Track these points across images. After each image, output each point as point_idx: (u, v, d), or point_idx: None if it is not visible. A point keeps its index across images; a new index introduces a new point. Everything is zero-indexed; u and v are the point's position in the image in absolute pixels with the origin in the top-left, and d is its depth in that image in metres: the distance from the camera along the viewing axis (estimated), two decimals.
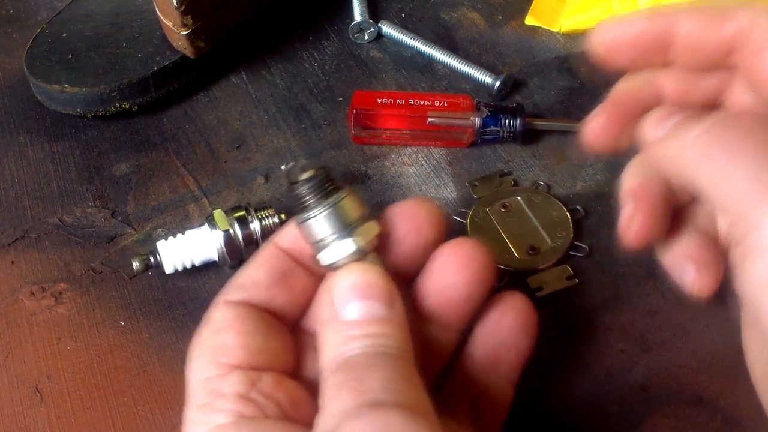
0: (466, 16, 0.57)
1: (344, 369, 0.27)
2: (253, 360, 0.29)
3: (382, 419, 0.24)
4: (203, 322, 0.31)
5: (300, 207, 0.30)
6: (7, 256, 0.44)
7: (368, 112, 0.48)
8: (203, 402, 0.28)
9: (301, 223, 0.30)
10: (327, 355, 0.28)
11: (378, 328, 0.28)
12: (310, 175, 0.30)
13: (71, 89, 0.49)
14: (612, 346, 0.39)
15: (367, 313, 0.28)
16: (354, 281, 0.29)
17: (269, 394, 0.28)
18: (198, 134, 0.51)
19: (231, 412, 0.27)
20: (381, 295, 0.28)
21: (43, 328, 0.41)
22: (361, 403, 0.25)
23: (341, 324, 0.28)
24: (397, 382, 0.26)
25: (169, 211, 0.47)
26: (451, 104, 0.48)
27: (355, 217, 0.30)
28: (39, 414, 0.38)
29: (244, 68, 0.55)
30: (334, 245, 0.30)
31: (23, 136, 0.51)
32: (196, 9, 0.48)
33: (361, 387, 0.25)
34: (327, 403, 0.26)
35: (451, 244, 0.32)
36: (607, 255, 0.42)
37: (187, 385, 0.29)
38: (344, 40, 0.56)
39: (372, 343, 0.27)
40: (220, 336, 0.30)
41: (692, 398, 0.37)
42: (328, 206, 0.30)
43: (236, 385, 0.28)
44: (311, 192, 0.30)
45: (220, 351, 0.29)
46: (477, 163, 0.48)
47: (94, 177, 0.48)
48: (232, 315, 0.30)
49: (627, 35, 0.33)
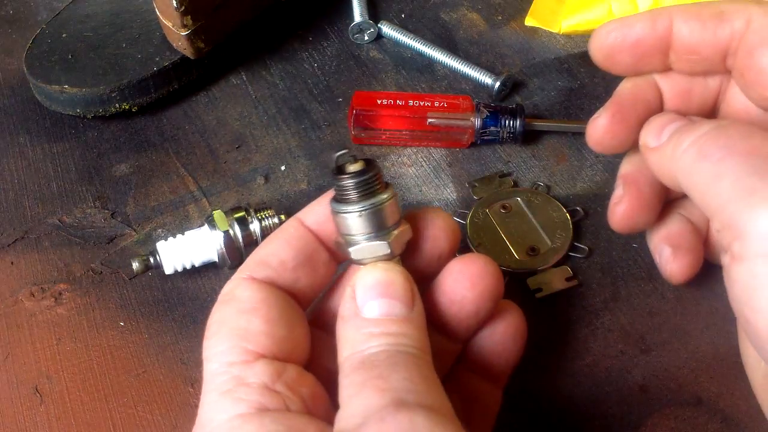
0: (466, 17, 0.57)
1: (366, 367, 0.26)
2: (278, 350, 0.28)
3: (407, 420, 0.24)
4: (223, 295, 0.30)
5: (343, 198, 0.30)
6: (7, 257, 0.44)
7: (368, 112, 0.48)
8: (226, 388, 0.27)
9: (339, 213, 0.30)
10: (346, 351, 0.28)
11: (399, 327, 0.28)
12: (360, 168, 0.30)
13: (71, 90, 0.49)
14: (612, 347, 0.39)
15: (388, 312, 0.28)
16: (378, 279, 0.29)
17: (293, 387, 0.28)
18: (198, 135, 0.51)
19: (254, 403, 0.27)
20: (403, 295, 0.28)
21: (43, 328, 0.41)
22: (386, 403, 0.24)
23: (362, 321, 0.28)
24: (419, 382, 0.26)
25: (168, 211, 0.47)
26: (451, 105, 0.48)
27: (393, 220, 0.30)
28: (39, 414, 0.38)
29: (243, 69, 0.55)
30: (369, 244, 0.29)
31: (23, 137, 0.51)
32: (196, 10, 0.48)
33: (384, 386, 0.25)
34: (348, 401, 0.26)
35: (465, 258, 0.32)
36: (607, 256, 0.42)
37: (206, 363, 0.29)
38: (344, 41, 0.56)
39: (393, 341, 0.27)
40: (245, 318, 0.29)
41: (692, 399, 0.37)
42: (372, 206, 0.29)
43: (262, 375, 0.27)
44: (358, 187, 0.30)
45: (245, 336, 0.28)
46: (477, 164, 0.48)
47: (94, 177, 0.48)
48: (258, 296, 0.29)
49: (625, 40, 0.33)
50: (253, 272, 0.30)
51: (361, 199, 0.29)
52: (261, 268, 0.31)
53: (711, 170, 0.27)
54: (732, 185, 0.26)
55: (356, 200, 0.30)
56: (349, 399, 0.26)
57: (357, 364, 0.27)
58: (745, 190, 0.26)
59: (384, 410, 0.24)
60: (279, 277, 0.31)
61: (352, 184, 0.30)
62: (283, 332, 0.29)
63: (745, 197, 0.26)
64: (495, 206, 0.44)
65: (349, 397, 0.26)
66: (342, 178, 0.30)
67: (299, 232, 0.32)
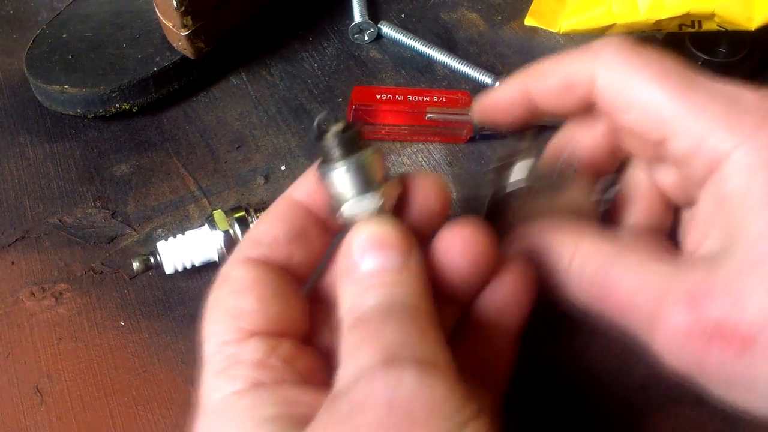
0: (466, 17, 0.58)
1: (362, 324, 0.26)
2: (272, 326, 0.29)
3: (396, 377, 0.24)
4: (219, 278, 0.30)
5: (327, 158, 0.30)
6: (8, 257, 0.44)
7: (367, 107, 0.48)
8: (220, 367, 0.28)
9: (326, 173, 0.30)
10: (344, 307, 0.28)
11: (395, 277, 0.27)
12: (341, 127, 0.30)
13: (71, 90, 0.49)
14: (612, 347, 0.39)
15: (384, 263, 0.28)
16: (371, 232, 0.29)
17: (289, 361, 0.28)
18: (198, 135, 0.51)
19: (249, 379, 0.27)
20: (398, 245, 0.28)
21: (44, 328, 0.41)
22: (377, 360, 0.24)
23: (359, 275, 0.28)
24: (413, 334, 0.25)
25: (169, 211, 0.47)
26: (450, 100, 0.48)
27: (380, 175, 0.30)
28: (39, 414, 0.38)
29: (243, 69, 0.55)
30: (358, 199, 0.29)
31: (23, 137, 0.51)
32: (196, 10, 0.48)
33: (377, 341, 0.25)
34: (345, 362, 0.26)
35: (458, 224, 0.31)
36: None
37: (203, 344, 0.29)
38: (344, 41, 0.56)
39: (387, 292, 0.27)
40: (238, 298, 0.29)
41: (692, 399, 0.37)
42: (358, 160, 0.29)
43: (255, 351, 0.27)
44: (340, 144, 0.30)
45: (239, 315, 0.29)
46: (476, 163, 0.48)
47: (95, 177, 0.49)
48: (251, 276, 0.29)
49: (495, 102, 0.36)
50: (247, 252, 0.30)
51: (346, 155, 0.30)
52: (255, 247, 0.31)
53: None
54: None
55: (341, 157, 0.30)
56: (345, 360, 0.26)
57: (353, 321, 0.27)
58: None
59: (374, 368, 0.24)
60: (273, 253, 0.30)
61: (336, 141, 0.30)
62: (277, 309, 0.29)
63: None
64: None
65: (345, 357, 0.26)
66: (326, 138, 0.30)
67: (289, 207, 0.32)
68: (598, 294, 0.30)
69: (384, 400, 0.23)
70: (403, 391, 0.23)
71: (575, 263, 0.31)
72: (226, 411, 0.27)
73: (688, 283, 0.27)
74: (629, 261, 0.30)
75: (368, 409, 0.23)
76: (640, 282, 0.29)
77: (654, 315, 0.28)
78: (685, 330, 0.27)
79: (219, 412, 0.27)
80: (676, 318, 0.27)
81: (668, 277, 0.28)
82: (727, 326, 0.26)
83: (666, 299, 0.28)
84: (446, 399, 0.24)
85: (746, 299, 0.26)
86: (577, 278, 0.31)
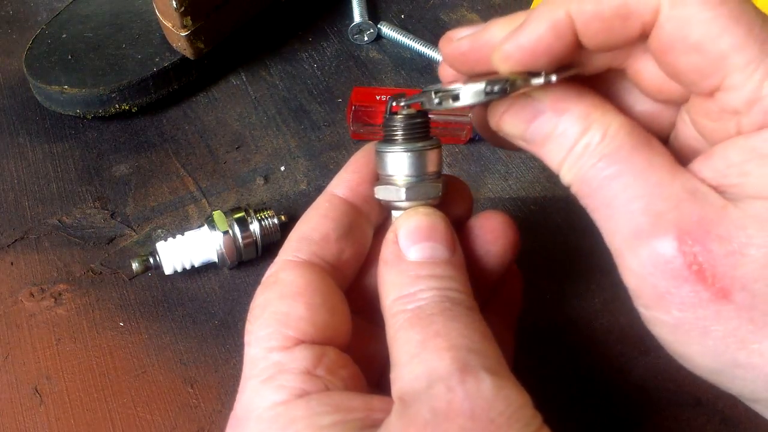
0: (466, 18, 0.57)
1: (423, 322, 0.26)
2: (319, 335, 0.28)
3: (475, 387, 0.24)
4: (267, 278, 0.30)
5: (391, 137, 0.30)
6: (7, 257, 0.44)
7: (367, 108, 0.48)
8: (267, 375, 0.27)
9: (393, 153, 0.30)
10: (391, 294, 0.27)
11: (444, 270, 0.27)
12: (412, 112, 0.30)
13: (71, 90, 0.49)
14: (611, 348, 0.39)
15: (432, 255, 0.28)
16: (420, 222, 0.28)
17: (334, 370, 0.27)
18: (197, 135, 0.51)
19: (296, 390, 0.26)
20: (446, 238, 0.28)
21: (43, 329, 0.41)
22: (452, 369, 0.24)
23: (407, 264, 0.28)
24: (478, 340, 0.25)
25: (168, 212, 0.47)
26: None
27: (435, 169, 0.30)
28: (38, 415, 0.38)
29: (243, 69, 0.55)
30: (423, 184, 0.29)
31: (23, 137, 0.51)
32: (196, 10, 0.48)
33: (445, 345, 0.25)
34: (409, 360, 0.25)
35: (486, 215, 0.32)
36: (608, 257, 0.42)
37: (247, 347, 0.28)
38: (344, 42, 0.56)
39: (440, 285, 0.27)
40: (288, 303, 0.28)
41: (691, 400, 0.37)
42: (425, 147, 0.29)
43: (303, 360, 0.27)
44: (413, 127, 0.30)
45: (286, 321, 0.28)
46: (476, 165, 0.48)
47: (94, 178, 0.49)
48: (301, 280, 0.29)
49: (458, 50, 0.31)
50: (296, 251, 0.30)
51: (414, 140, 0.29)
52: (304, 244, 0.30)
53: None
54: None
55: (410, 139, 0.30)
56: (409, 358, 0.25)
57: (412, 317, 0.26)
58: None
59: (451, 377, 0.24)
60: (323, 251, 0.30)
61: (403, 123, 0.30)
62: (325, 317, 0.28)
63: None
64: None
65: (409, 355, 0.25)
66: (399, 117, 0.30)
67: (335, 203, 0.31)
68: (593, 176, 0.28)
69: (467, 409, 0.23)
70: (483, 400, 0.24)
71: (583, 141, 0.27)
72: (278, 420, 0.26)
73: (690, 214, 0.25)
74: (635, 160, 0.26)
75: (452, 418, 0.23)
76: (639, 190, 0.26)
77: (638, 232, 0.26)
78: (666, 259, 0.25)
79: (269, 421, 0.26)
80: (662, 245, 0.25)
81: (667, 199, 0.26)
82: (713, 271, 0.24)
83: (659, 222, 0.25)
84: (522, 406, 0.24)
85: (744, 254, 0.24)
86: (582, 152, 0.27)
